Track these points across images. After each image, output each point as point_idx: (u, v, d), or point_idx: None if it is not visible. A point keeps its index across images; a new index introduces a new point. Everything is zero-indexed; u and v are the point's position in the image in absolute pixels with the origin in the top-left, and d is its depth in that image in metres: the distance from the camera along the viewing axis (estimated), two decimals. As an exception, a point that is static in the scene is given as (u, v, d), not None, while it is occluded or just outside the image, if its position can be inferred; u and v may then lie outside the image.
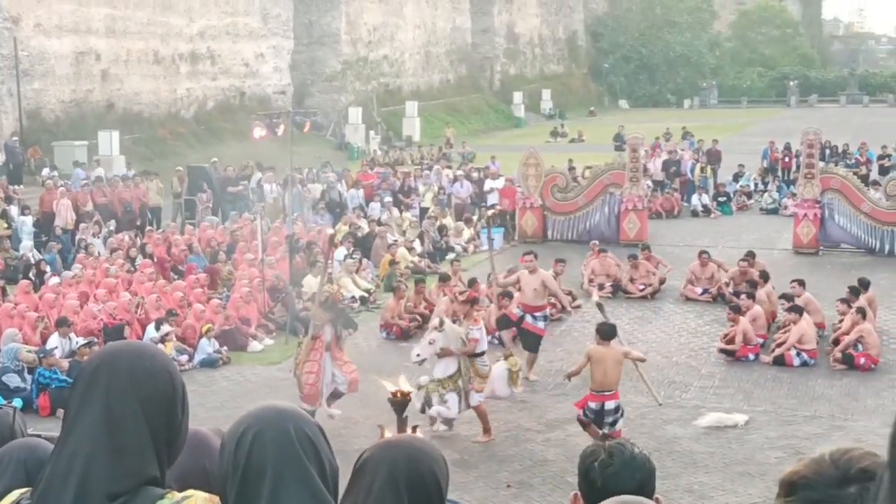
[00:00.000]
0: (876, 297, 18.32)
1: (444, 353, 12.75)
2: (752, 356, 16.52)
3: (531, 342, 15.72)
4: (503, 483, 11.64)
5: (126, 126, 38.55)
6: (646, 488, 2.87)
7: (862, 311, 16.26)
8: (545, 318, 16.06)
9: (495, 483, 11.65)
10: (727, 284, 20.19)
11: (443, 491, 2.45)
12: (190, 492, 2.23)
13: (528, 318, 15.76)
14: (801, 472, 1.81)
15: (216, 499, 2.24)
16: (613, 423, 12.14)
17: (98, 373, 2.22)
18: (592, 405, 12.18)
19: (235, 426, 2.25)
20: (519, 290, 15.91)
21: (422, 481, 2.41)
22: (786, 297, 17.49)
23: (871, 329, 16.25)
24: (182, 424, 2.28)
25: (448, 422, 12.95)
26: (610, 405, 12.19)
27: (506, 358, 13.49)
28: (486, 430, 12.86)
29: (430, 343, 12.73)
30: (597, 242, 23.19)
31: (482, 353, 12.99)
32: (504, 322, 15.67)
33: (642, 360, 13.59)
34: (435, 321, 13.08)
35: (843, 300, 17.52)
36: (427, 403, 12.77)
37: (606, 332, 12.49)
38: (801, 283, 18.02)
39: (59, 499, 2.13)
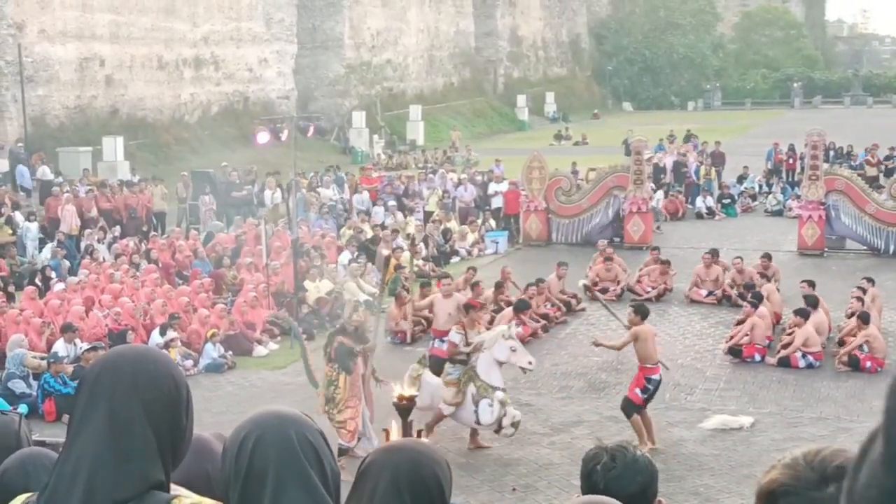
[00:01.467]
0: (881, 297, 18.31)
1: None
2: (757, 357, 16.50)
3: (436, 367, 14.20)
4: (509, 486, 11.65)
5: (130, 132, 38.60)
6: (648, 491, 2.87)
7: (865, 317, 16.20)
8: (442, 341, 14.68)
9: (501, 487, 11.66)
10: (732, 287, 20.18)
11: (446, 495, 2.44)
12: (198, 498, 2.23)
13: (436, 343, 15.16)
14: (778, 479, 1.81)
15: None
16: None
17: (101, 378, 2.22)
18: (654, 377, 12.70)
19: (237, 431, 2.26)
20: (431, 313, 15.48)
21: (424, 486, 2.41)
22: (801, 312, 17.00)
23: (878, 334, 16.22)
24: (187, 428, 2.28)
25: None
26: (658, 376, 12.82)
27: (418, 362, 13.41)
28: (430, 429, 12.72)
29: (514, 350, 12.73)
30: (605, 242, 23.19)
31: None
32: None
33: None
34: (504, 328, 13.04)
35: (859, 288, 17.39)
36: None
37: (645, 312, 13.04)
38: (812, 284, 17.92)
39: None
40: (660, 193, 31.47)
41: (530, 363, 12.84)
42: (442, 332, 14.90)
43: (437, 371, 14.29)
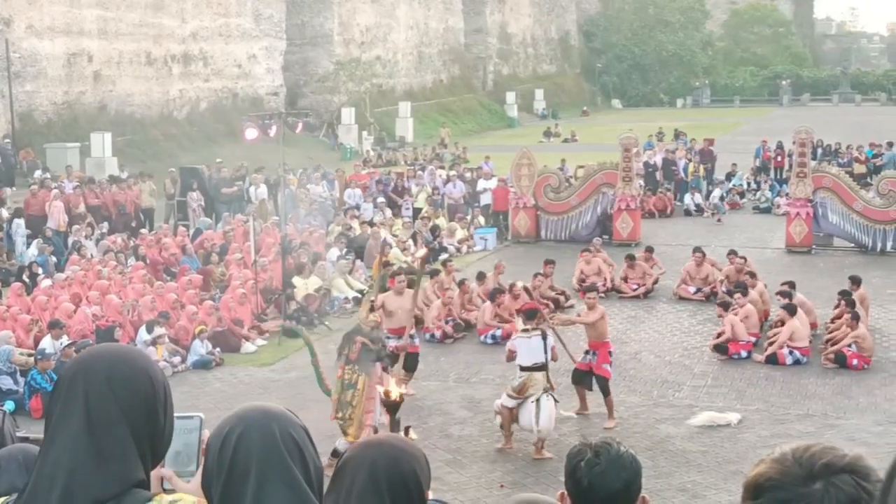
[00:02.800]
0: (868, 295, 18.36)
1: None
2: (744, 353, 16.53)
3: (411, 362, 14.67)
4: (496, 483, 11.66)
5: (118, 128, 38.49)
6: (632, 487, 2.87)
7: (856, 316, 16.25)
8: (411, 336, 14.56)
9: (488, 483, 11.67)
10: (721, 283, 20.22)
11: (424, 490, 2.44)
12: (179, 495, 2.22)
13: (391, 342, 14.53)
14: (765, 473, 1.82)
15: (204, 502, 2.24)
16: None
17: (76, 379, 2.21)
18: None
19: (220, 427, 2.25)
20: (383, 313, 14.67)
21: (403, 481, 2.40)
22: (782, 293, 17.43)
23: (866, 334, 16.26)
24: (166, 426, 2.27)
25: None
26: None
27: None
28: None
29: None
30: (599, 240, 23.26)
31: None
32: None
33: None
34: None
35: (842, 293, 17.47)
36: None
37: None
38: (792, 284, 17.94)
39: None
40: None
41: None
42: (397, 329, 14.36)
43: (413, 365, 14.60)
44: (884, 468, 1.68)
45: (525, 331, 12.75)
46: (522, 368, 12.48)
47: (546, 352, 12.56)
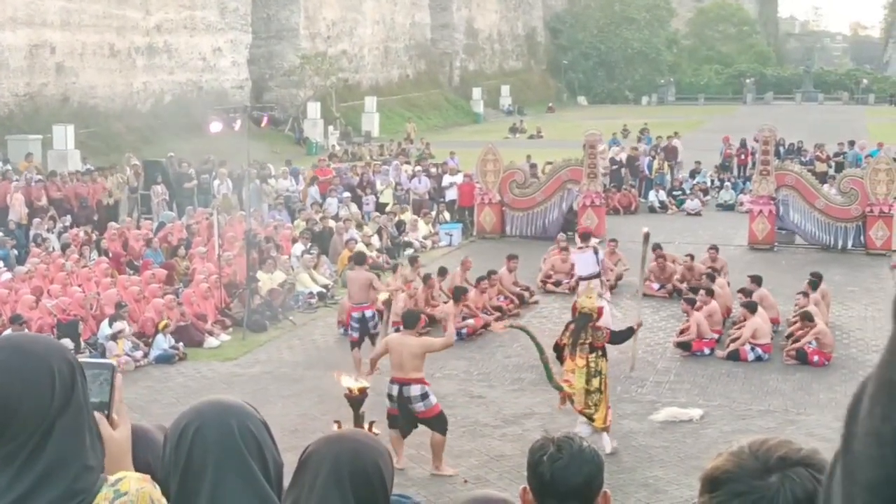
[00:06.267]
0: (829, 292, 18.54)
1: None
2: (707, 350, 16.64)
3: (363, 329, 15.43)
4: (460, 478, 11.66)
5: (81, 120, 38.12)
6: (594, 482, 2.88)
7: (808, 315, 16.39)
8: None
9: (452, 478, 11.67)
10: (680, 281, 20.36)
11: (387, 485, 2.43)
12: (122, 473, 2.13)
13: (353, 314, 15.48)
14: (722, 466, 1.84)
15: (147, 477, 2.16)
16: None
17: None
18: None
19: (178, 421, 2.23)
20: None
21: (366, 476, 2.39)
22: (744, 291, 17.64)
23: (826, 330, 16.41)
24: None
25: None
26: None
27: None
28: None
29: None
30: (563, 236, 23.21)
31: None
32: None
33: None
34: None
35: (803, 293, 17.67)
36: None
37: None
38: (757, 279, 18.17)
39: None
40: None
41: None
42: (356, 307, 15.36)
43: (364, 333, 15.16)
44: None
45: (580, 248, 16.54)
46: (581, 279, 15.90)
47: (598, 263, 16.09)
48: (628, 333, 13.45)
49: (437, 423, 11.68)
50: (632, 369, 15.33)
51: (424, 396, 11.65)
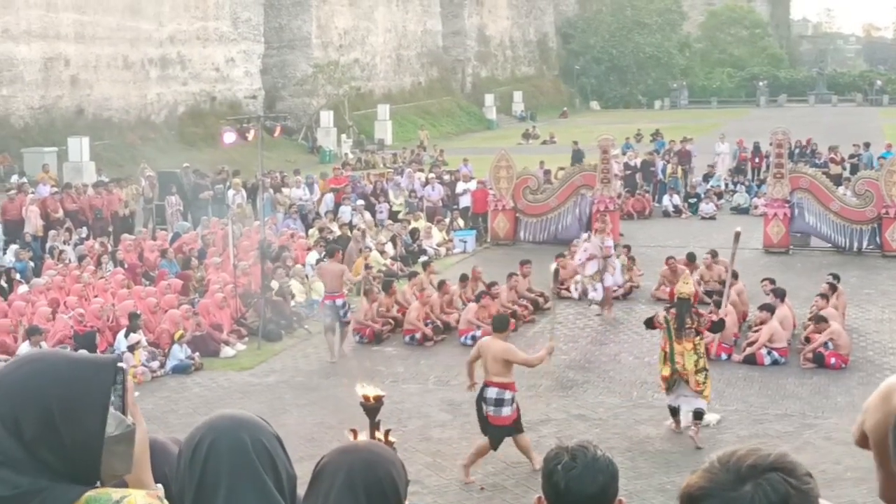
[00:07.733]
0: (845, 294, 18.46)
1: (591, 258, 18.63)
2: (724, 356, 16.58)
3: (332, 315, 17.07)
4: (477, 485, 11.66)
5: (96, 132, 38.30)
6: (608, 490, 2.88)
7: (820, 318, 16.31)
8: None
9: (469, 486, 11.66)
10: (698, 283, 20.28)
11: (401, 495, 2.45)
12: (127, 490, 2.11)
13: (326, 303, 17.32)
14: (696, 483, 1.88)
15: (156, 493, 2.14)
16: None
17: None
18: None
19: (191, 435, 2.24)
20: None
21: (380, 486, 2.40)
22: (766, 307, 17.25)
23: (841, 331, 16.34)
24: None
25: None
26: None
27: None
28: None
29: (585, 251, 18.98)
30: (577, 242, 23.15)
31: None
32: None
33: None
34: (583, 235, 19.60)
35: (822, 295, 17.55)
36: (584, 293, 18.99)
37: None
38: (780, 292, 17.91)
39: None
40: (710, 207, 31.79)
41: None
42: (328, 295, 17.05)
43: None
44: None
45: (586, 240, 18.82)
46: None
47: (601, 249, 18.77)
48: (721, 325, 14.30)
49: (497, 433, 11.83)
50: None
51: (499, 403, 11.80)
